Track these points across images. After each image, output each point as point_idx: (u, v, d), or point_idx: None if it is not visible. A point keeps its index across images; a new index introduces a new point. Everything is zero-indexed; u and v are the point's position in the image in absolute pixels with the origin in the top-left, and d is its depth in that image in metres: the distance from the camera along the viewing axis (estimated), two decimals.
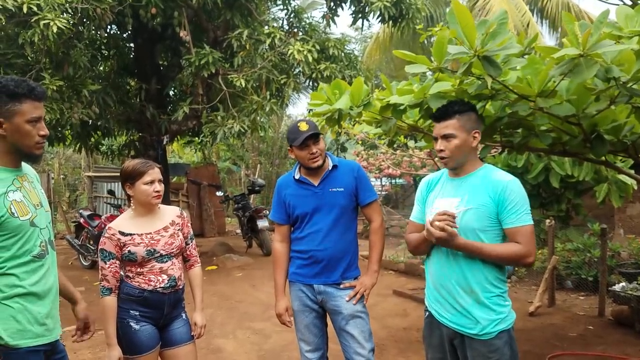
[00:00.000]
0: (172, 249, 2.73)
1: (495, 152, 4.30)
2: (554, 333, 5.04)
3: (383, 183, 15.77)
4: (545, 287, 5.82)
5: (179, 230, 2.80)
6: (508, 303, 2.37)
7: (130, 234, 2.65)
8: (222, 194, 12.05)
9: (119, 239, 2.64)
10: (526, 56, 2.47)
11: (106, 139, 11.00)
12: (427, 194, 2.58)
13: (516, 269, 7.30)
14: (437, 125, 2.39)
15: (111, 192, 10.41)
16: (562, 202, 4.74)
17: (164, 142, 9.38)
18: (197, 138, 11.46)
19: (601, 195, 4.27)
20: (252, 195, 13.00)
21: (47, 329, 2.13)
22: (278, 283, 3.10)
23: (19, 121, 2.03)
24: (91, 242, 8.79)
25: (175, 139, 10.98)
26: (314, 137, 2.88)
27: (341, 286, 2.97)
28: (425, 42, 12.45)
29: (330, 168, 2.99)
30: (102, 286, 2.63)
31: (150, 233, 2.69)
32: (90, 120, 8.55)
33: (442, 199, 2.45)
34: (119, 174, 3.03)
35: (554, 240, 6.12)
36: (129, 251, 2.63)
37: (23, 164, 2.19)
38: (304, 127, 2.88)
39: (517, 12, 12.16)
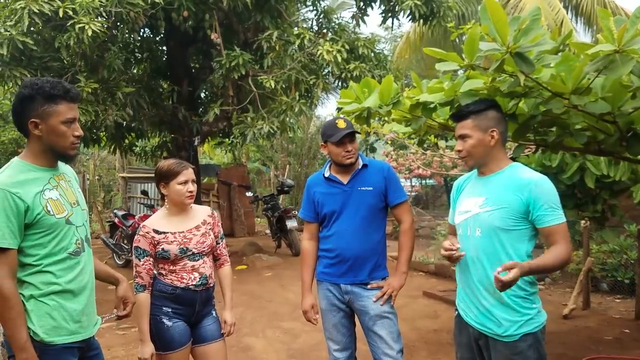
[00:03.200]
0: (204, 247, 2.77)
1: (529, 151, 4.22)
2: (589, 336, 4.92)
3: (413, 184, 15.66)
4: (580, 289, 5.69)
5: (210, 229, 2.84)
6: (535, 305, 2.31)
7: (164, 232, 2.71)
8: (252, 194, 12.16)
9: (153, 237, 2.69)
10: (560, 53, 2.43)
11: (140, 140, 11.20)
12: (457, 195, 2.59)
13: None
14: (456, 126, 2.43)
15: (144, 193, 10.59)
16: (598, 203, 4.61)
17: (196, 143, 9.50)
18: (227, 139, 11.57)
19: (638, 195, 4.15)
20: (281, 196, 13.06)
21: (82, 326, 2.18)
22: (305, 280, 3.11)
23: (55, 122, 2.07)
24: (125, 242, 8.97)
25: (206, 140, 11.10)
26: (351, 135, 2.91)
27: (368, 286, 2.96)
28: (457, 40, 12.27)
29: (360, 167, 3.00)
30: (136, 283, 2.69)
31: (183, 232, 2.74)
32: (125, 122, 8.72)
33: (467, 198, 2.45)
34: (152, 175, 3.09)
35: (589, 242, 5.98)
36: (163, 249, 2.68)
37: (60, 163, 2.24)
38: (342, 124, 2.92)
39: (550, 10, 11.91)
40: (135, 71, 10.08)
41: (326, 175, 3.05)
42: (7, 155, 11.85)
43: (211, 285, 2.84)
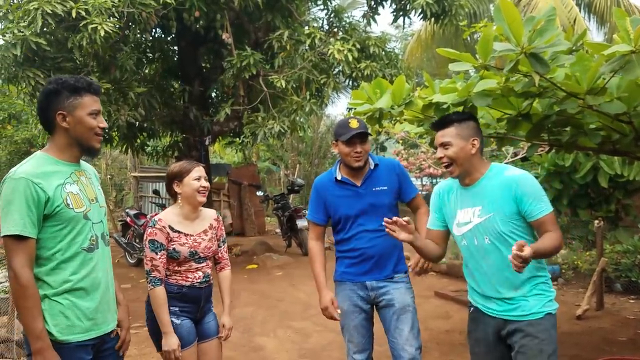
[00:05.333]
0: (209, 252, 2.86)
1: (542, 150, 4.20)
2: (603, 337, 4.88)
3: (423, 182, 15.60)
4: (593, 290, 5.64)
5: (215, 234, 2.91)
6: (552, 288, 2.43)
7: (178, 232, 2.76)
8: (262, 193, 12.17)
9: (168, 233, 2.74)
10: (574, 53, 2.41)
11: (151, 140, 11.27)
12: (440, 204, 2.62)
13: (562, 271, 7.11)
14: (436, 134, 2.47)
15: (156, 192, 10.64)
16: (611, 203, 4.57)
17: (207, 143, 9.54)
18: (238, 139, 11.60)
19: None
20: (292, 195, 13.07)
21: (96, 324, 2.18)
22: (319, 277, 3.04)
23: (82, 114, 2.13)
24: (137, 241, 9.02)
25: (217, 139, 11.15)
26: (362, 136, 2.89)
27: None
28: (468, 39, 12.25)
29: (372, 167, 2.99)
30: (153, 277, 2.71)
31: (194, 235, 2.80)
32: (137, 122, 8.77)
33: (462, 210, 2.48)
34: (164, 174, 3.12)
35: (602, 242, 5.93)
36: (174, 249, 2.73)
37: (81, 161, 2.28)
38: (354, 124, 2.89)
39: (563, 8, 11.82)
40: (147, 71, 10.15)
41: (338, 178, 3.02)
42: (20, 155, 11.95)
43: (212, 282, 2.93)
